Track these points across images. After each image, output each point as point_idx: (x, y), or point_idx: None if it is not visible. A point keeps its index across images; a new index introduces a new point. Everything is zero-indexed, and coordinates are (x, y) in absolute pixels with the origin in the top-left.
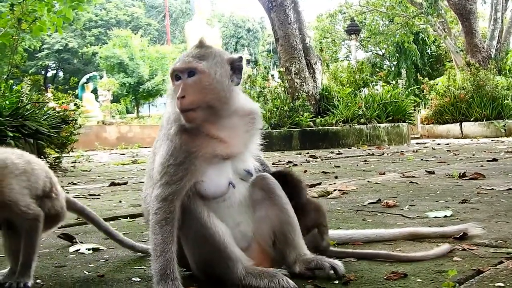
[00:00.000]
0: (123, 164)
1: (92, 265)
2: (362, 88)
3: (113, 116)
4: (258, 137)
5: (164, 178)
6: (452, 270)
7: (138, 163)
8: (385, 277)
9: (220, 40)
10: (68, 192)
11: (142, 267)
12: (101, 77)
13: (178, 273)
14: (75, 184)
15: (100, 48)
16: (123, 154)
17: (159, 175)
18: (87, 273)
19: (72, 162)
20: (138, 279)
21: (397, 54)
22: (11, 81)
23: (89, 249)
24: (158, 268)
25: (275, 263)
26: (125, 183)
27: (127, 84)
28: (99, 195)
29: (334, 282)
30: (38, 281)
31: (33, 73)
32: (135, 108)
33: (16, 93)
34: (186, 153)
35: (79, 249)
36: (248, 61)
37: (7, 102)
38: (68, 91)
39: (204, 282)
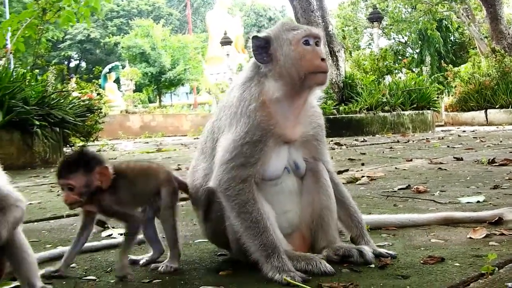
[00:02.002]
0: (148, 153)
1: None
2: (386, 76)
3: (135, 106)
4: (317, 134)
5: (239, 158)
6: (492, 254)
7: (163, 151)
8: (422, 261)
9: (241, 29)
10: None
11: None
12: (123, 67)
13: None
14: None
15: (122, 38)
16: (147, 142)
17: (231, 154)
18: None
19: (97, 151)
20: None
21: (420, 42)
22: (37, 71)
23: (120, 234)
24: (264, 244)
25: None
26: None
27: (149, 74)
28: None
29: (371, 266)
30: (73, 265)
31: (56, 64)
32: (157, 97)
33: (42, 83)
34: (264, 131)
35: (111, 234)
36: None
37: (33, 92)
38: (93, 80)
39: (240, 266)
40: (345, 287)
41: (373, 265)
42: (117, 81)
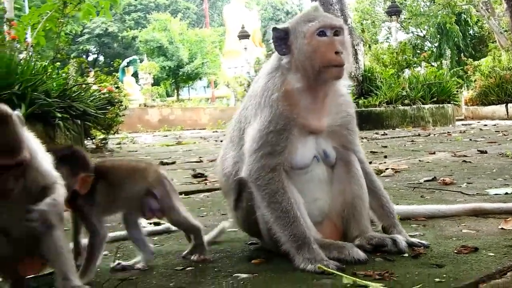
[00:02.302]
0: (168, 145)
1: (155, 238)
2: (405, 69)
3: (153, 99)
4: (347, 123)
5: (265, 147)
6: None
7: (182, 144)
8: (455, 251)
9: (258, 23)
10: None
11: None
12: (141, 61)
13: None
14: None
15: (139, 32)
16: (166, 136)
17: (257, 144)
18: (152, 245)
19: (117, 144)
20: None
21: (438, 36)
22: (58, 64)
23: (150, 223)
24: (294, 234)
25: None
26: (173, 163)
27: (167, 68)
28: None
29: (404, 255)
30: (105, 252)
31: (75, 57)
32: (175, 91)
33: (63, 75)
34: (287, 120)
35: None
36: None
37: (55, 84)
38: (113, 73)
39: (272, 254)
40: (380, 275)
41: (406, 254)
42: (134, 75)
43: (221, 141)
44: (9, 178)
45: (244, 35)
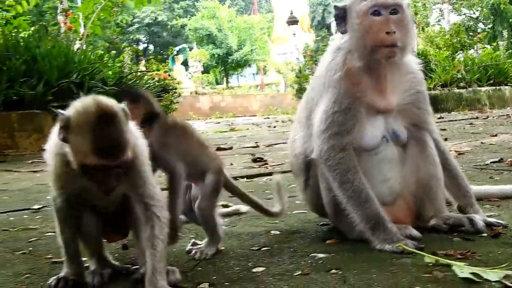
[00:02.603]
0: (221, 132)
1: (226, 220)
2: (459, 52)
3: (203, 87)
4: (417, 101)
5: (333, 128)
6: None
7: (236, 130)
8: None
9: (307, 8)
10: None
11: (269, 222)
12: (190, 49)
13: None
14: None
15: (188, 20)
16: (218, 123)
17: (325, 124)
18: (224, 227)
19: None
20: (278, 232)
21: (492, 17)
22: (113, 52)
23: (222, 205)
24: (367, 215)
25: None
26: (230, 148)
27: (216, 55)
28: None
29: (483, 235)
30: (178, 233)
31: (116, 48)
32: (224, 78)
33: (119, 63)
34: (351, 99)
35: None
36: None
37: (110, 72)
38: (167, 60)
39: (343, 236)
40: (462, 254)
41: (485, 234)
42: (184, 63)
43: (274, 127)
44: (112, 177)
45: (292, 21)
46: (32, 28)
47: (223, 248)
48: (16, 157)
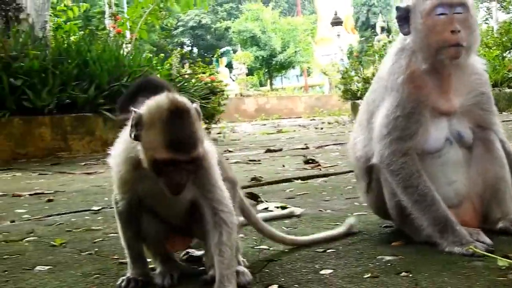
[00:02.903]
0: (268, 134)
1: (287, 221)
2: (510, 50)
3: (248, 89)
4: (481, 102)
5: (395, 132)
6: None
7: (283, 132)
8: None
9: (351, 9)
10: (228, 159)
11: (330, 223)
12: (234, 52)
13: None
14: (231, 151)
15: (232, 22)
16: (264, 125)
17: (386, 129)
18: (285, 228)
19: (217, 133)
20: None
21: None
22: (162, 55)
23: (277, 207)
24: (434, 218)
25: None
26: (280, 150)
27: (260, 57)
28: (259, 160)
29: None
30: (240, 235)
31: (165, 51)
32: (268, 80)
33: (167, 66)
34: (414, 103)
35: (268, 207)
36: (382, 29)
37: (160, 75)
38: (213, 63)
39: (410, 237)
40: None
41: None
42: (228, 65)
43: (321, 128)
44: (182, 175)
45: (337, 22)
46: (81, 33)
47: (287, 249)
48: (69, 159)
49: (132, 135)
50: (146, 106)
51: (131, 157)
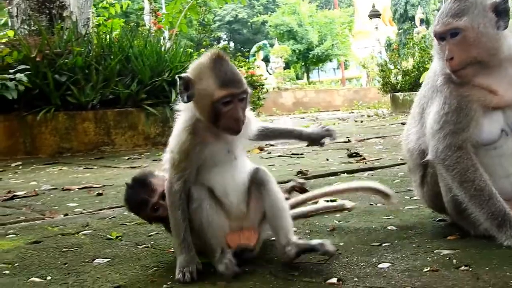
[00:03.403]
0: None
1: (338, 215)
2: None
3: (285, 83)
4: None
5: (447, 127)
6: None
7: None
8: None
9: (389, 0)
10: (270, 153)
11: (382, 217)
12: (271, 45)
13: None
14: (273, 145)
15: (269, 16)
16: (303, 118)
17: (438, 124)
18: (337, 222)
19: None
20: (394, 228)
21: None
22: (203, 50)
23: (327, 201)
24: (492, 212)
25: None
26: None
27: (297, 51)
28: (302, 154)
29: None
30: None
31: (204, 46)
32: (305, 74)
33: None
34: (459, 98)
35: (317, 201)
36: (421, 20)
37: None
38: (253, 57)
39: (465, 231)
40: None
41: None
42: (265, 59)
43: (361, 121)
44: (239, 109)
45: (374, 14)
46: (122, 29)
47: (342, 243)
48: (112, 153)
49: (185, 98)
50: (190, 68)
51: (188, 127)
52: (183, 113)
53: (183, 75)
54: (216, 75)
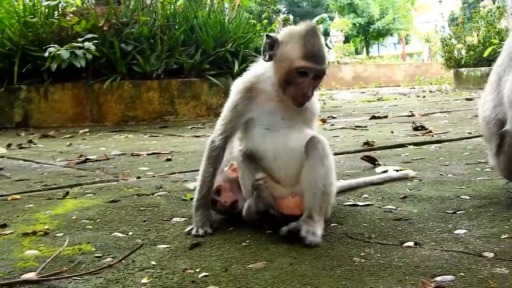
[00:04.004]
0: (369, 101)
1: (409, 183)
2: None
3: (344, 57)
4: None
5: None
6: None
7: (384, 100)
8: None
9: None
10: (333, 125)
11: (454, 187)
12: (331, 19)
13: None
14: (334, 118)
15: None
16: (363, 92)
17: None
18: (408, 190)
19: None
20: (468, 197)
21: None
22: (265, 21)
23: (396, 170)
24: None
25: None
26: (386, 117)
27: (357, 25)
28: (365, 126)
29: None
30: (365, 195)
31: (266, 18)
32: (364, 48)
33: (270, 32)
34: None
35: (387, 170)
36: None
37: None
38: None
39: None
40: None
41: None
42: (324, 33)
43: (424, 97)
44: (310, 86)
45: None
46: (181, 1)
47: (409, 210)
48: (175, 122)
49: (266, 56)
50: (282, 32)
51: (249, 81)
52: (253, 70)
53: (272, 34)
54: (304, 45)
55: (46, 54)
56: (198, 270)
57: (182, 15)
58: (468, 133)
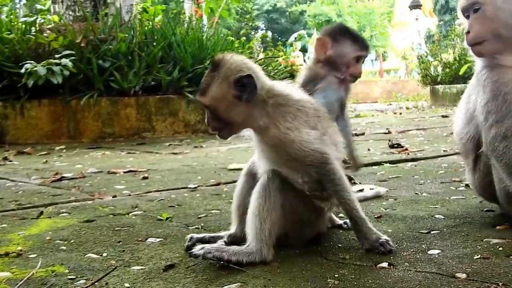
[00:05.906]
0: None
1: (384, 203)
2: None
3: None
4: None
5: (490, 117)
6: None
7: (361, 116)
8: None
9: None
10: None
11: (429, 206)
12: (309, 35)
13: None
14: None
15: (308, 6)
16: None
17: (483, 116)
18: (384, 210)
19: None
20: (442, 216)
21: None
22: (243, 39)
23: (372, 189)
24: None
25: None
26: (363, 134)
27: None
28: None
29: None
30: (340, 215)
31: (244, 34)
32: None
33: (248, 49)
34: (492, 83)
35: (363, 189)
36: None
37: None
38: (292, 47)
39: None
40: None
41: None
42: (302, 49)
43: (400, 113)
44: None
45: (415, 5)
46: (159, 17)
47: (391, 230)
48: (153, 139)
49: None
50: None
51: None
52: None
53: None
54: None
55: (23, 70)
56: None
57: (160, 32)
58: (444, 150)
